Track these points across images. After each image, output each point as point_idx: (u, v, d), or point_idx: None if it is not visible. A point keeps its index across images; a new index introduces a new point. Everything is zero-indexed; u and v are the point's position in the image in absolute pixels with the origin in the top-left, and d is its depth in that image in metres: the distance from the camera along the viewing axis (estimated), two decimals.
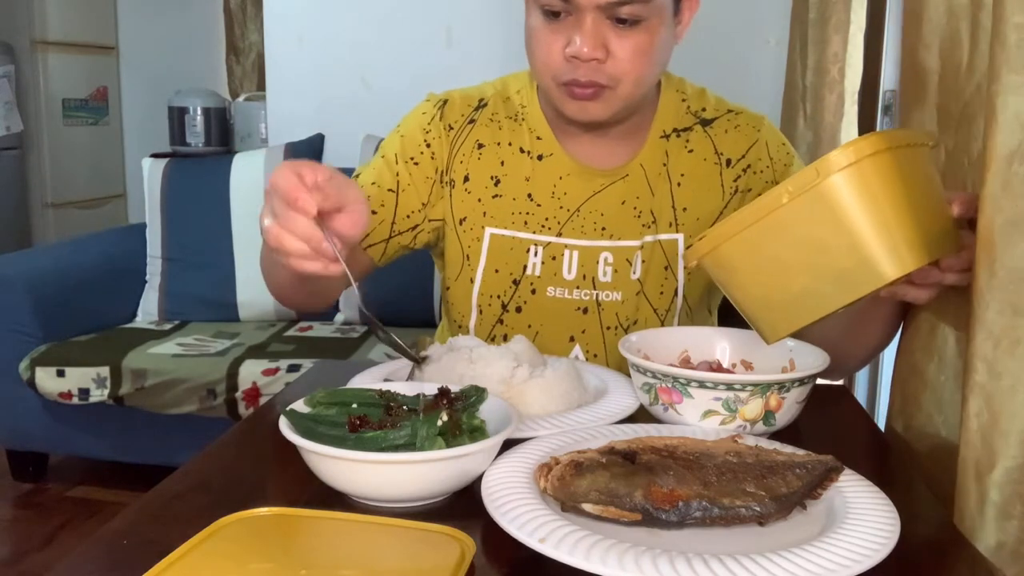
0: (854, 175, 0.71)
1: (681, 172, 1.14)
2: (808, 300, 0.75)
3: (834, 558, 0.59)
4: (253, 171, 2.69)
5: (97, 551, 0.68)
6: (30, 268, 2.50)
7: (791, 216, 0.73)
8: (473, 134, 1.16)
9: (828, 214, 0.72)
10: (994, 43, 0.67)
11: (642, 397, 0.90)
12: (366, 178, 1.15)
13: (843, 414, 0.99)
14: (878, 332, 1.00)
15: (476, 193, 1.15)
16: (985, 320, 0.70)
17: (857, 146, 0.71)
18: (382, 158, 1.16)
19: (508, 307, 1.16)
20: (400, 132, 1.17)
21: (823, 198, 0.71)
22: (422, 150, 1.15)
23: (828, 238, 0.72)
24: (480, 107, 1.17)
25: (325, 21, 2.87)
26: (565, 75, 1.02)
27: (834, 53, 1.90)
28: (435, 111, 1.17)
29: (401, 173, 1.14)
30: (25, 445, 2.55)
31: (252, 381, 2.24)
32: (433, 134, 1.15)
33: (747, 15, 2.55)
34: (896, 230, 0.71)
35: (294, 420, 0.75)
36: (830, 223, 0.72)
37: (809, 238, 0.73)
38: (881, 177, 0.71)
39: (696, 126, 1.16)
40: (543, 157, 1.14)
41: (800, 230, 0.73)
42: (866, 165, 0.71)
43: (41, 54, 4.03)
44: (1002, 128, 0.67)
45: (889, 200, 0.71)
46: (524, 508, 0.65)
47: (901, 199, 0.72)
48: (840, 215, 0.71)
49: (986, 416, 0.70)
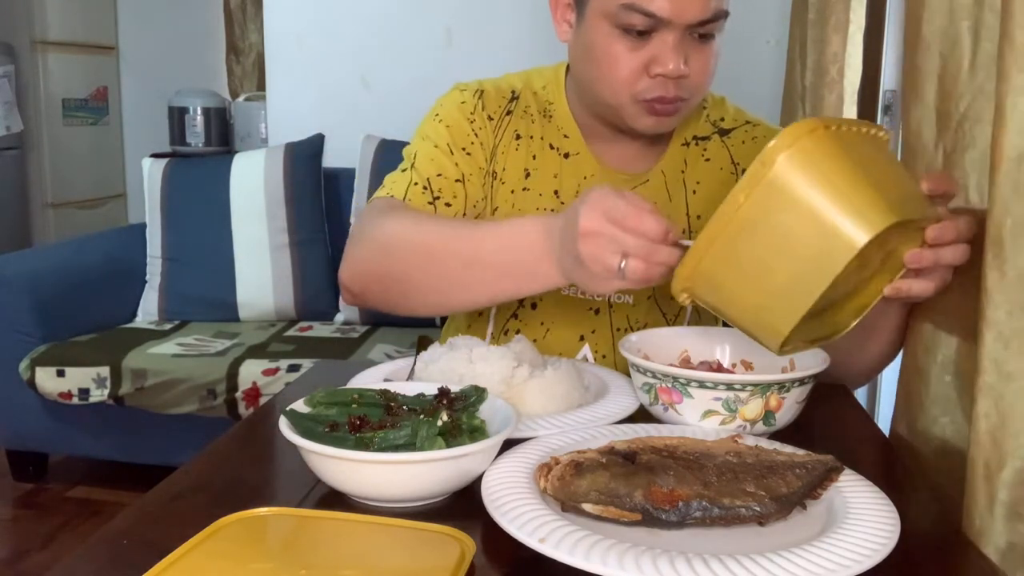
0: (796, 155, 0.72)
1: (697, 180, 1.15)
2: (796, 290, 0.74)
3: (834, 558, 0.59)
4: (253, 171, 2.69)
5: (97, 551, 0.68)
6: (30, 268, 2.50)
7: (752, 213, 0.74)
8: (511, 125, 1.15)
9: (785, 199, 0.72)
10: (1003, 43, 0.67)
11: (642, 397, 0.90)
12: (430, 170, 1.10)
13: (843, 414, 0.99)
14: (882, 347, 1.00)
15: (510, 184, 1.14)
16: (995, 321, 0.70)
17: (793, 128, 0.72)
18: (435, 147, 1.12)
19: (524, 303, 1.16)
20: (444, 122, 1.14)
21: (774, 185, 0.72)
22: (472, 139, 1.13)
23: (793, 222, 0.73)
24: (514, 98, 1.16)
25: (325, 21, 2.87)
26: (650, 93, 1.01)
27: (833, 53, 1.90)
28: (475, 100, 1.15)
29: (460, 163, 1.12)
30: (25, 445, 2.55)
31: (252, 381, 2.24)
32: (478, 124, 1.14)
33: (747, 15, 2.55)
34: (854, 196, 0.72)
35: (294, 420, 0.75)
36: (789, 207, 0.72)
37: (776, 228, 0.73)
38: (824, 152, 0.72)
39: (714, 135, 1.17)
40: (569, 155, 1.14)
41: (766, 224, 0.74)
42: (806, 143, 0.72)
43: (41, 54, 4.03)
44: (1011, 129, 0.67)
45: (839, 171, 0.72)
46: (524, 508, 0.65)
47: (852, 169, 0.73)
48: (796, 196, 0.72)
49: (995, 416, 0.70)
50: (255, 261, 2.66)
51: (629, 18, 0.98)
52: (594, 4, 1.01)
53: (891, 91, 2.08)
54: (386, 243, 1.03)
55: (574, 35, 1.07)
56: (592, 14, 1.02)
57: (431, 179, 1.10)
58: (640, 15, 0.97)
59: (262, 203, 2.67)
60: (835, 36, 1.90)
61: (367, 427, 0.73)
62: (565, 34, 1.09)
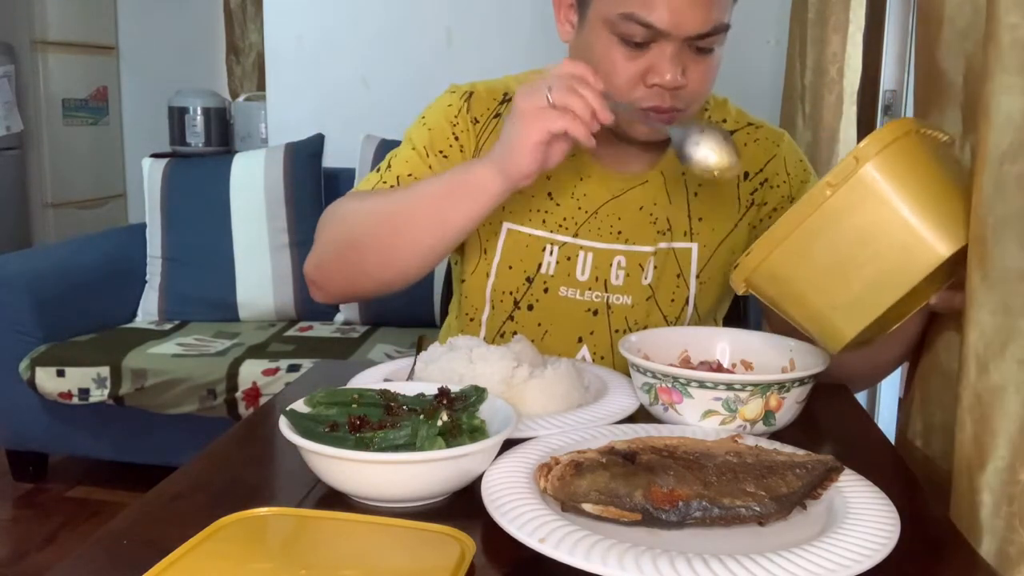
0: (893, 154, 0.71)
1: (699, 182, 1.15)
2: (869, 294, 0.73)
3: (834, 558, 0.59)
4: (253, 171, 2.69)
5: (97, 551, 0.68)
6: (30, 268, 2.50)
7: (838, 208, 0.72)
8: (499, 128, 1.14)
9: (874, 198, 0.71)
10: (988, 44, 0.68)
11: (642, 397, 0.90)
12: (401, 169, 1.13)
13: (843, 414, 0.99)
14: (896, 352, 0.99)
15: None
16: (978, 320, 0.70)
17: (889, 127, 0.71)
18: (412, 149, 1.14)
19: (520, 304, 1.16)
20: (427, 124, 1.15)
21: (865, 182, 0.71)
22: (451, 143, 1.14)
23: (879, 223, 0.71)
24: (504, 101, 1.17)
25: (325, 21, 2.87)
26: (646, 102, 1.01)
27: (833, 53, 1.90)
28: (461, 103, 1.16)
29: (434, 166, 1.13)
30: (25, 445, 2.55)
31: (252, 381, 2.24)
32: (460, 127, 1.14)
33: (746, 15, 2.53)
34: (943, 203, 0.71)
35: (294, 420, 0.75)
36: (878, 207, 0.71)
37: (859, 228, 0.72)
38: (918, 157, 0.71)
39: None
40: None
41: (849, 222, 0.72)
42: (902, 144, 0.71)
43: (41, 54, 4.02)
44: (995, 128, 0.67)
45: (931, 178, 0.71)
46: (524, 508, 0.65)
47: (943, 176, 0.72)
48: (886, 197, 0.71)
49: (978, 416, 0.70)
50: (255, 261, 2.66)
51: (628, 28, 0.98)
52: (595, 10, 1.01)
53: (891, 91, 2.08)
54: (338, 224, 1.10)
55: (576, 36, 1.07)
56: (593, 20, 1.02)
57: (400, 178, 1.12)
58: (639, 26, 0.97)
59: (262, 203, 2.67)
60: (835, 36, 1.90)
61: (367, 427, 0.73)
62: (567, 35, 1.09)
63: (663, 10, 0.96)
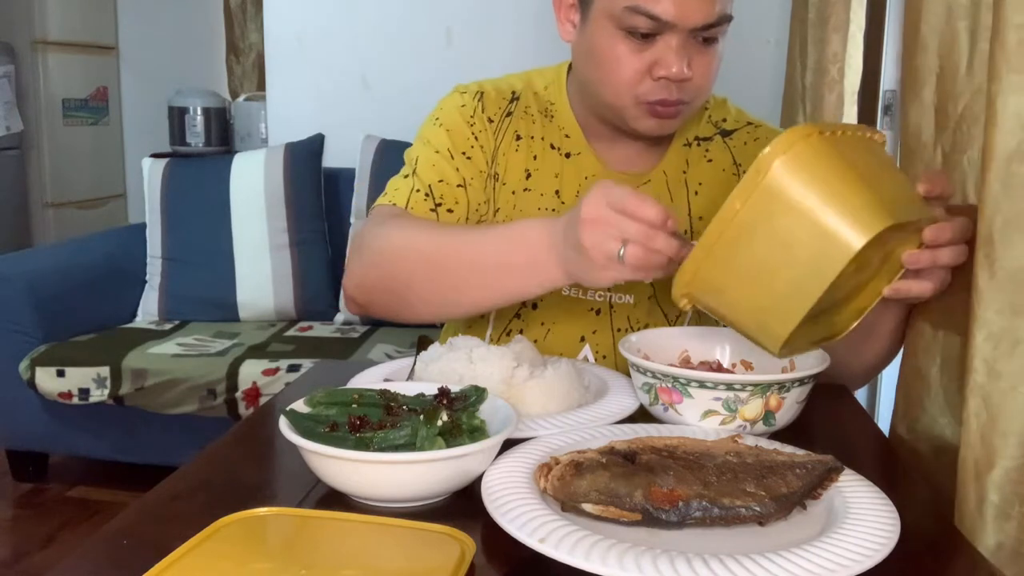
0: (791, 160, 0.73)
1: (699, 181, 1.15)
2: (794, 293, 0.75)
3: (834, 558, 0.59)
4: (253, 171, 2.69)
5: (97, 551, 0.68)
6: (30, 268, 2.50)
7: (749, 219, 0.74)
8: (512, 126, 1.14)
9: (781, 204, 0.73)
10: (994, 43, 0.68)
11: (642, 397, 0.90)
12: (431, 176, 1.10)
13: (843, 414, 0.99)
14: (882, 347, 1.00)
15: (511, 185, 1.14)
16: (985, 320, 0.70)
17: (787, 134, 0.73)
18: (436, 152, 1.12)
19: (526, 302, 1.16)
20: (444, 126, 1.14)
21: (770, 191, 0.73)
22: (472, 143, 1.13)
23: (790, 227, 0.73)
24: (514, 99, 1.16)
25: (325, 21, 2.87)
26: (653, 95, 1.01)
27: (833, 53, 1.90)
28: (475, 103, 1.15)
29: (461, 168, 1.12)
30: (25, 445, 2.55)
31: (252, 381, 2.24)
32: (478, 127, 1.14)
33: (747, 15, 2.53)
34: (850, 199, 0.72)
35: (294, 420, 0.75)
36: (786, 212, 0.73)
37: (773, 233, 0.74)
38: (819, 157, 0.73)
39: (716, 136, 1.17)
40: (571, 155, 1.15)
41: (763, 229, 0.74)
42: (801, 148, 0.73)
43: (41, 54, 4.02)
44: (1002, 128, 0.67)
45: (834, 175, 0.73)
46: (524, 508, 0.65)
47: (848, 172, 0.73)
48: (792, 201, 0.73)
49: (985, 416, 0.70)
50: (255, 261, 2.66)
51: (633, 20, 0.98)
52: (598, 5, 1.01)
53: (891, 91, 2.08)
54: (390, 253, 1.03)
55: (578, 35, 1.07)
56: (596, 15, 1.02)
57: (433, 185, 1.10)
58: (644, 17, 0.97)
59: (262, 203, 2.67)
60: (835, 36, 1.90)
61: (367, 427, 0.73)
62: (568, 34, 1.09)
63: (668, 2, 0.96)
